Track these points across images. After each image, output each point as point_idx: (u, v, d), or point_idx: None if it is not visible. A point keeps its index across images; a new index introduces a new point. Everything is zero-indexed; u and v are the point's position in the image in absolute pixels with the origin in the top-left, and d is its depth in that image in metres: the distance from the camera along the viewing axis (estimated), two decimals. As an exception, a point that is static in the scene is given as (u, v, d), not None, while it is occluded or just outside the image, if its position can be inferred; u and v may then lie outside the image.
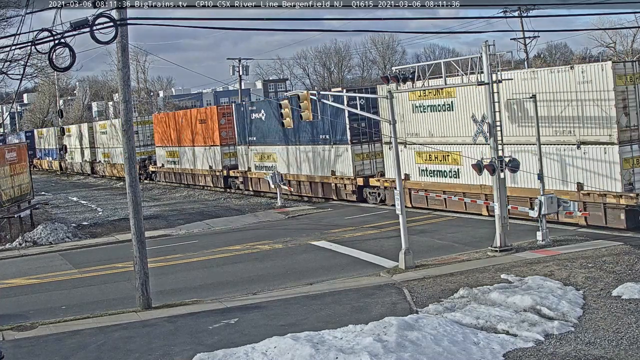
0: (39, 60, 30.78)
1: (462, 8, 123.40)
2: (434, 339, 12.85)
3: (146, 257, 17.57)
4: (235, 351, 12.96)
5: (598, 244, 20.03)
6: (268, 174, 36.47)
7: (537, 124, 21.55)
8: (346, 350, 12.45)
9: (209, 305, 17.23)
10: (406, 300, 16.37)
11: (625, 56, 59.13)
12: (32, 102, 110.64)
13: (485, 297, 15.71)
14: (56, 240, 29.74)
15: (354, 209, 31.84)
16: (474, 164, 20.90)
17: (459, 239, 23.02)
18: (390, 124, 20.35)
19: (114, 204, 43.38)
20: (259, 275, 20.71)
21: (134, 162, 17.66)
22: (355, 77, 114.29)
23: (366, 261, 21.22)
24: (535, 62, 73.78)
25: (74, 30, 13.46)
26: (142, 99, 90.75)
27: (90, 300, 19.13)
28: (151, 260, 18.89)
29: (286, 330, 13.94)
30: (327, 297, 17.04)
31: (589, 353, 12.19)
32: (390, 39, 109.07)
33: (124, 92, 17.59)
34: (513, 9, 52.05)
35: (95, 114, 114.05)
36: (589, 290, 15.71)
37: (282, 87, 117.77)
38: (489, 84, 20.41)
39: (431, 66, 22.44)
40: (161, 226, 32.27)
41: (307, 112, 22.77)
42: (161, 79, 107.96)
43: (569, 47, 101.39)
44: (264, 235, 27.31)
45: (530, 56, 62.81)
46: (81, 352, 14.23)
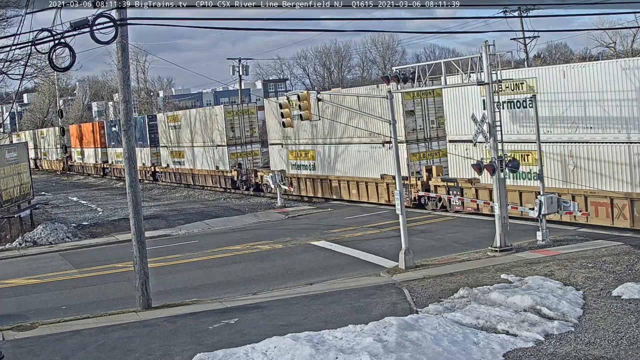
0: (39, 60, 30.79)
1: (462, 8, 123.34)
2: (434, 339, 12.85)
3: (146, 257, 17.57)
4: (235, 351, 12.95)
5: (598, 244, 20.03)
6: (268, 174, 36.56)
7: (537, 123, 21.55)
8: (346, 350, 12.45)
9: (209, 305, 17.23)
10: (406, 300, 16.37)
11: (625, 56, 59.04)
12: (32, 102, 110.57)
13: (485, 297, 15.71)
14: (56, 240, 29.75)
15: (354, 209, 31.85)
16: (474, 164, 20.89)
17: (459, 239, 23.02)
18: (390, 124, 20.33)
19: (114, 204, 43.40)
20: (259, 275, 20.71)
21: (134, 162, 17.65)
22: (355, 77, 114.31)
23: (366, 261, 21.22)
24: (535, 62, 73.78)
25: (74, 30, 13.45)
26: (142, 99, 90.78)
27: (90, 300, 19.13)
28: (151, 260, 18.89)
29: (286, 330, 13.94)
30: (327, 297, 17.04)
31: (589, 353, 12.19)
32: (390, 39, 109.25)
33: (124, 92, 17.59)
34: (513, 9, 52.04)
35: (95, 114, 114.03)
36: (589, 290, 15.70)
37: (282, 87, 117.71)
38: (489, 84, 20.41)
39: (431, 66, 22.45)
40: (161, 226, 32.27)
41: (306, 112, 22.75)
42: (161, 79, 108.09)
43: (569, 47, 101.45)
44: (263, 235, 27.31)
45: (530, 56, 62.79)
46: (81, 352, 14.23)
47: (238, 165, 43.07)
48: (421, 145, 30.22)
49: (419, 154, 30.20)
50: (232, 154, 43.56)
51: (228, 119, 43.42)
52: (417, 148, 30.15)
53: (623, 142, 21.50)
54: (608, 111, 21.67)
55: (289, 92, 59.33)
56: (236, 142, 43.58)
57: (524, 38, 57.42)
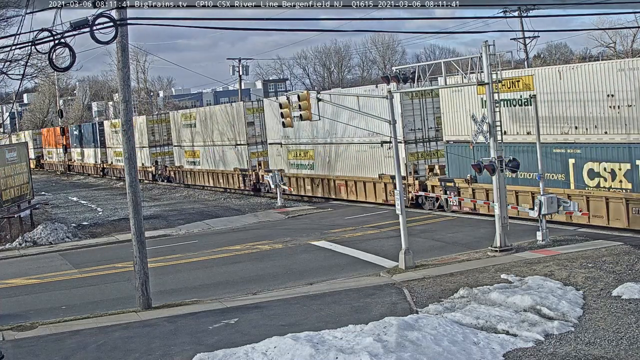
0: (39, 60, 30.75)
1: (462, 8, 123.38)
2: (434, 339, 12.85)
3: (146, 257, 17.57)
4: (235, 351, 12.95)
5: (598, 244, 20.03)
6: (268, 174, 36.57)
7: (537, 123, 21.55)
8: (346, 350, 12.45)
9: (209, 305, 17.23)
10: (406, 300, 16.37)
11: (625, 56, 59.07)
12: (32, 102, 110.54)
13: (485, 297, 15.71)
14: (56, 240, 29.75)
15: (354, 209, 31.85)
16: (474, 164, 20.89)
17: (459, 239, 23.02)
18: (390, 124, 20.33)
19: (114, 204, 43.39)
20: (259, 275, 20.71)
21: (134, 162, 17.65)
22: (355, 77, 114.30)
23: (366, 261, 21.22)
24: (535, 62, 73.75)
25: (74, 30, 13.45)
26: (142, 99, 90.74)
27: (90, 300, 19.13)
28: (151, 260, 18.89)
29: (286, 330, 13.94)
30: (327, 297, 17.04)
31: (589, 353, 12.19)
32: (390, 39, 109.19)
33: (124, 92, 17.59)
34: (513, 9, 52.04)
35: (95, 114, 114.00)
36: (589, 290, 15.70)
37: (282, 87, 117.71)
38: (489, 84, 20.42)
39: (431, 66, 22.45)
40: (161, 226, 32.27)
41: (306, 112, 22.74)
42: (161, 79, 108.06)
43: (568, 47, 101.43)
44: (263, 235, 27.31)
45: (530, 56, 62.78)
46: (81, 352, 14.23)
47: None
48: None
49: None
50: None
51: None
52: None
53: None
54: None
55: (289, 92, 59.37)
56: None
57: (524, 38, 57.40)
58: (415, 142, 30.41)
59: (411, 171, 29.76)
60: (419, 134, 30.47)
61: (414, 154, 30.35)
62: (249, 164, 41.59)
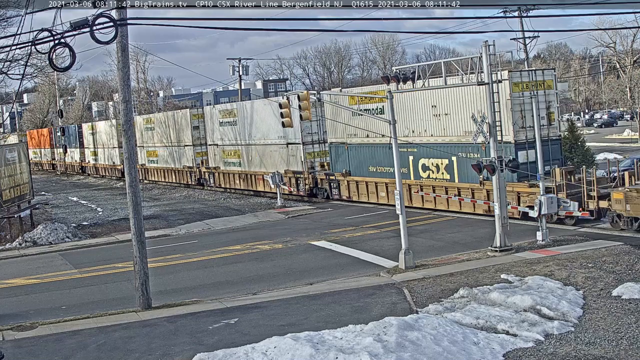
0: (39, 60, 30.77)
1: (462, 8, 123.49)
2: (434, 339, 12.85)
3: (146, 257, 17.57)
4: (235, 351, 12.95)
5: (598, 244, 20.04)
6: (268, 174, 36.68)
7: (537, 123, 21.56)
8: (346, 350, 12.45)
9: (209, 305, 17.23)
10: (406, 300, 16.37)
11: (625, 56, 59.16)
12: (32, 102, 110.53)
13: (485, 297, 15.71)
14: (56, 240, 29.73)
15: (354, 209, 31.86)
16: (474, 164, 20.88)
17: (459, 239, 23.03)
18: (390, 124, 20.32)
19: (114, 204, 43.36)
20: (259, 275, 20.71)
21: (134, 162, 17.65)
22: (355, 77, 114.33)
23: (366, 261, 21.22)
24: (535, 62, 73.79)
25: (74, 30, 13.44)
26: (142, 99, 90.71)
27: (90, 300, 19.13)
28: (151, 260, 18.89)
29: (286, 330, 13.94)
30: (327, 297, 17.05)
31: (589, 353, 12.20)
32: (390, 39, 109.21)
33: (124, 92, 17.59)
34: (513, 9, 52.02)
35: (95, 114, 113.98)
36: (589, 290, 15.71)
37: (282, 87, 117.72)
38: (489, 84, 20.41)
39: (431, 66, 22.45)
40: (161, 226, 32.26)
41: (307, 112, 22.73)
42: (161, 79, 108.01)
43: (568, 47, 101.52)
44: (264, 235, 27.31)
45: (530, 56, 62.79)
46: (81, 352, 14.23)
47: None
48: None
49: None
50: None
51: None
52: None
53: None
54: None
55: (288, 92, 59.86)
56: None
57: (524, 38, 57.36)
58: (312, 144, 36.56)
59: (308, 167, 36.21)
60: (315, 137, 36.58)
61: (311, 154, 36.61)
62: (194, 162, 48.05)
